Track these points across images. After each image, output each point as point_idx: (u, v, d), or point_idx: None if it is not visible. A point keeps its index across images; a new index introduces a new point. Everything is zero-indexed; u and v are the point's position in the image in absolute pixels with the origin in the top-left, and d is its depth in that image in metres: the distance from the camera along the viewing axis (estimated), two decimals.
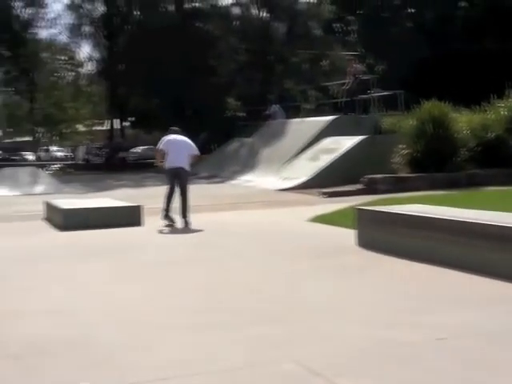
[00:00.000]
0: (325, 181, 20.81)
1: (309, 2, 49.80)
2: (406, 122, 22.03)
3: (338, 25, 53.15)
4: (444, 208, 9.86)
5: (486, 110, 22.89)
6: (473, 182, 19.50)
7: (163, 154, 13.92)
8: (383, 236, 9.49)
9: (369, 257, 9.21)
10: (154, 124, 48.05)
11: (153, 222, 13.58)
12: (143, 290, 7.62)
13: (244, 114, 43.97)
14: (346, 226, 11.24)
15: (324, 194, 19.08)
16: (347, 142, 23.10)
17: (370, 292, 7.25)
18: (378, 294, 7.11)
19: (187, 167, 13.92)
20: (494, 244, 7.62)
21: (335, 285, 7.68)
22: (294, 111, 37.76)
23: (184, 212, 13.53)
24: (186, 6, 47.43)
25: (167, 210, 13.48)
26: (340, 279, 7.97)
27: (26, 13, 42.95)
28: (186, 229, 13.06)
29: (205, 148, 29.03)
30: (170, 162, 13.72)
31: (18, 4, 41.57)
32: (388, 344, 5.37)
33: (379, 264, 8.75)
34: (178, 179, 13.80)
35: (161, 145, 14.11)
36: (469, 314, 6.16)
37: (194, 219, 13.58)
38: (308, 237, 11.39)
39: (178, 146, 13.86)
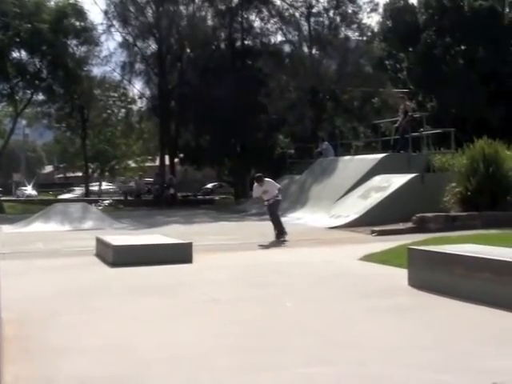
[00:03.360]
0: (375, 219, 20.66)
1: (360, 40, 49.90)
2: (458, 160, 21.84)
3: (389, 62, 53.18)
4: (498, 248, 9.70)
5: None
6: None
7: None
8: (436, 276, 9.34)
9: (421, 297, 9.07)
10: (204, 161, 48.33)
11: (203, 258, 13.58)
12: (194, 329, 7.58)
13: (293, 151, 44.04)
14: (398, 266, 11.13)
15: (374, 232, 18.93)
16: (398, 180, 22.95)
17: (423, 334, 7.12)
18: (430, 336, 6.98)
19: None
20: None
21: (387, 326, 7.56)
22: (344, 148, 37.75)
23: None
24: (238, 44, 47.82)
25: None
26: (392, 320, 7.85)
27: (81, 50, 43.68)
28: (238, 266, 13.03)
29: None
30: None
31: (72, 42, 42.26)
32: None
33: (432, 305, 8.61)
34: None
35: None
36: None
37: (245, 257, 13.53)
38: (359, 276, 11.27)
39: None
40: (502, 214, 19.78)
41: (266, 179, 18.98)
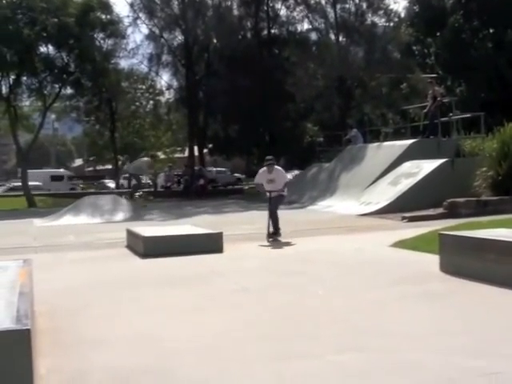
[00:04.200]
0: (405, 205, 20.55)
1: (387, 26, 49.64)
2: (488, 145, 21.68)
3: (417, 47, 52.78)
4: None
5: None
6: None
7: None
8: (468, 262, 9.27)
9: (453, 283, 9.01)
10: (233, 150, 48.36)
11: (233, 248, 13.60)
12: (224, 318, 7.58)
13: (322, 139, 43.93)
14: (429, 252, 11.06)
15: (405, 218, 18.83)
16: (428, 166, 22.80)
17: (454, 320, 7.07)
18: (461, 322, 6.94)
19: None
20: None
21: (418, 312, 7.52)
22: (373, 135, 37.58)
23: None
24: (264, 33, 47.76)
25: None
26: (423, 307, 7.80)
27: (108, 43, 43.76)
28: (268, 255, 13.02)
29: None
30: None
31: (99, 35, 42.34)
32: (476, 373, 5.22)
33: (464, 291, 8.55)
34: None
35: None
36: None
37: (276, 246, 13.52)
38: (390, 263, 11.22)
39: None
40: None
41: (277, 167, 16.41)
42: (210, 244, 13.57)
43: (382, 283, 9.39)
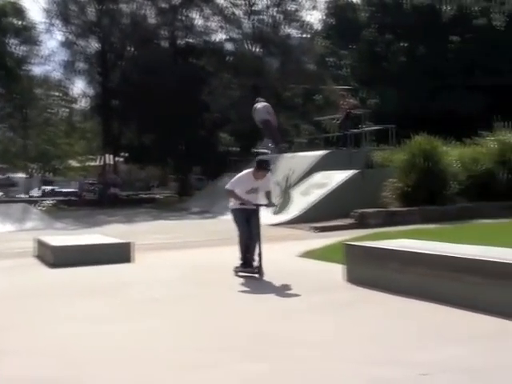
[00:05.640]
0: (316, 215, 20.77)
1: (302, 37, 50.15)
2: (398, 156, 22.10)
3: (331, 59, 53.49)
4: (434, 243, 9.86)
5: (476, 144, 23.02)
6: (464, 215, 19.51)
7: None
8: (372, 272, 9.47)
9: (358, 293, 9.18)
10: (147, 159, 48.13)
11: (143, 258, 13.56)
12: (131, 328, 7.56)
13: (237, 149, 44.04)
14: (336, 262, 11.19)
15: (315, 228, 19.05)
16: (338, 177, 23.11)
17: (359, 328, 7.21)
18: (366, 331, 7.07)
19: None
20: (486, 279, 7.59)
21: (324, 322, 7.63)
22: (288, 146, 37.83)
23: None
24: (180, 41, 47.73)
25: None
26: (329, 316, 7.92)
27: (21, 50, 43.17)
28: (177, 265, 13.02)
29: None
30: None
31: (12, 41, 41.74)
32: (378, 382, 5.35)
33: (368, 300, 8.72)
34: None
35: None
36: (456, 350, 6.14)
37: (186, 255, 13.52)
38: (298, 272, 11.34)
39: None
40: (440, 209, 20.11)
41: (269, 174, 12.14)
42: (120, 254, 13.49)
43: (290, 292, 9.50)
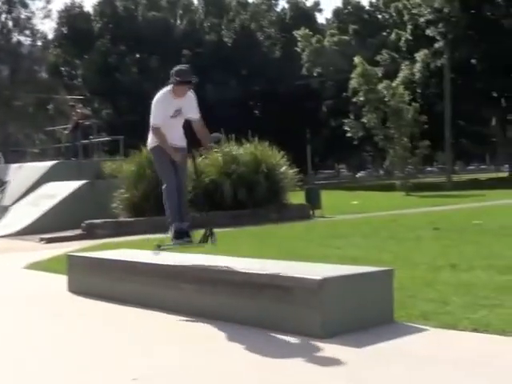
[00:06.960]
0: (46, 227, 20.53)
1: (34, 46, 49.31)
2: (127, 167, 22.27)
3: (65, 68, 53.04)
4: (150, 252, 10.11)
5: (201, 155, 23.65)
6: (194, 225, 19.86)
7: None
8: (94, 281, 9.61)
9: (78, 303, 9.23)
10: None
11: None
12: None
13: None
14: (61, 273, 11.21)
15: (43, 240, 18.85)
16: (67, 187, 22.96)
17: (76, 338, 7.25)
18: (85, 340, 7.14)
19: None
20: (199, 286, 7.99)
21: (42, 332, 7.64)
22: (19, 155, 37.10)
23: None
24: None
25: None
26: (47, 326, 7.93)
27: None
28: None
29: None
30: None
31: None
32: None
33: (87, 310, 8.78)
34: None
35: None
36: (169, 353, 6.43)
37: None
38: (21, 284, 11.24)
39: None
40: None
41: (192, 92, 8.58)
42: None
43: (10, 304, 9.41)
